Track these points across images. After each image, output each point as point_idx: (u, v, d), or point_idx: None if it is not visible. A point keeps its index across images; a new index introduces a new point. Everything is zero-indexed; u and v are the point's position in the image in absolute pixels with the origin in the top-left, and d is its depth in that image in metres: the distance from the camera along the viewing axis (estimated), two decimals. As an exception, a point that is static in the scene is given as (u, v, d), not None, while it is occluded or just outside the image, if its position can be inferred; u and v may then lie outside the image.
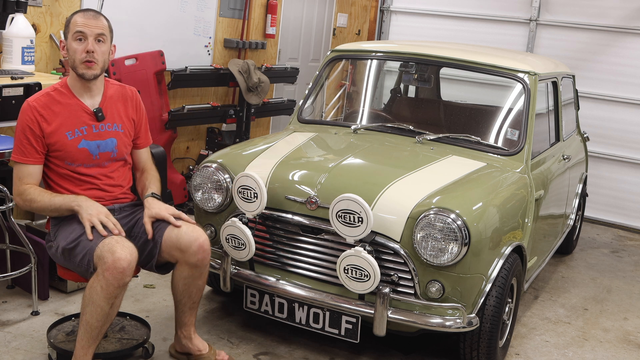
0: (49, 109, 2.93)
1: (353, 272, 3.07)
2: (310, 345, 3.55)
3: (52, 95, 2.97)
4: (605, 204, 6.71)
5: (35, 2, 4.41)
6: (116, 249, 2.69)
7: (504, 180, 3.62)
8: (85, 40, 2.91)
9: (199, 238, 2.95)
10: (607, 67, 6.64)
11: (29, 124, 2.90)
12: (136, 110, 3.18)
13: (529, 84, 3.98)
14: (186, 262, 2.97)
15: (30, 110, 2.91)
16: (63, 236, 2.89)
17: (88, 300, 2.72)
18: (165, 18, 5.41)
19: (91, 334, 2.77)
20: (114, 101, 3.09)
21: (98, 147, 3.00)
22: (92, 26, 2.91)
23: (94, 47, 2.91)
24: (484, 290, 3.16)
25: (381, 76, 5.32)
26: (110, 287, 2.68)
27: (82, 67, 2.92)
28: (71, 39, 2.92)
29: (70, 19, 2.95)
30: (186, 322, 3.18)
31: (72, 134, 2.94)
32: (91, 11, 2.98)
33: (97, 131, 3.00)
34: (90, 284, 2.73)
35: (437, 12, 7.45)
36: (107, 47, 2.98)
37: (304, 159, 3.66)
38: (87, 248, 2.78)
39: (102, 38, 2.94)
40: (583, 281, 5.02)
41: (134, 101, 3.18)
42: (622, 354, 3.87)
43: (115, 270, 2.66)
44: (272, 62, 6.83)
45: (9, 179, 3.88)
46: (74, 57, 2.92)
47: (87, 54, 2.90)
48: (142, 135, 3.22)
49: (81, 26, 2.90)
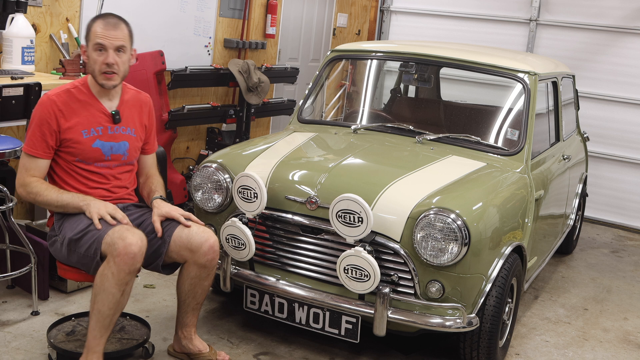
0: (68, 105, 2.94)
1: (353, 272, 3.07)
2: (310, 345, 3.55)
3: (72, 93, 2.98)
4: (605, 204, 6.71)
5: (35, 2, 4.41)
6: (127, 235, 2.72)
7: (504, 180, 3.62)
8: (105, 51, 2.90)
9: (210, 239, 2.98)
10: (607, 67, 6.64)
11: (47, 118, 2.90)
12: (149, 117, 3.21)
13: (529, 84, 3.98)
14: (195, 262, 2.98)
15: (50, 104, 2.92)
16: (69, 227, 2.89)
17: (99, 288, 2.74)
18: (165, 18, 5.41)
19: (103, 323, 2.78)
20: (130, 106, 3.11)
21: (111, 149, 3.02)
22: (112, 37, 2.90)
23: (114, 59, 2.91)
24: (484, 290, 3.16)
25: (381, 76, 5.31)
26: (121, 273, 2.70)
27: (102, 78, 2.94)
28: (91, 48, 2.92)
29: (90, 25, 2.94)
30: (188, 323, 3.18)
31: (88, 132, 2.96)
32: (112, 18, 2.95)
33: (112, 133, 3.02)
34: (100, 272, 2.74)
35: (437, 12, 7.45)
36: (127, 56, 2.98)
37: (304, 159, 3.66)
38: (95, 237, 2.79)
39: (122, 49, 2.94)
40: (583, 281, 5.02)
41: (148, 108, 3.21)
42: (622, 354, 3.87)
43: (127, 256, 2.69)
44: (272, 62, 6.83)
45: (9, 179, 3.89)
46: (94, 67, 2.93)
47: (106, 66, 2.90)
48: (150, 141, 3.25)
49: (101, 38, 2.89)
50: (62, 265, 3.03)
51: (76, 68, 4.21)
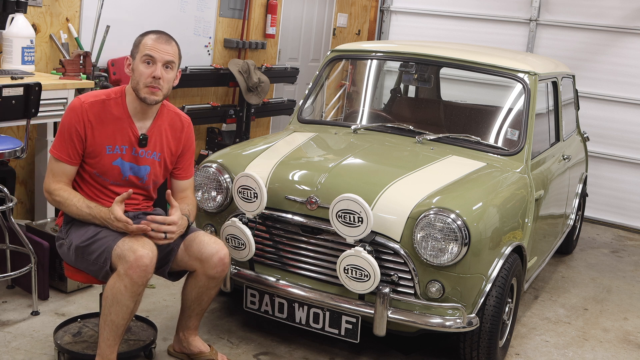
0: (99, 117, 2.87)
1: (353, 272, 3.07)
2: (310, 345, 3.55)
3: (106, 104, 2.90)
4: (605, 204, 6.71)
5: (35, 2, 4.41)
6: (137, 247, 2.70)
7: (504, 180, 3.62)
8: (153, 64, 2.83)
9: (220, 251, 2.96)
10: (607, 67, 6.64)
11: (76, 125, 2.84)
12: (184, 142, 3.10)
13: (529, 84, 3.98)
14: (205, 273, 2.97)
15: (82, 112, 2.84)
16: (77, 234, 2.86)
17: (112, 300, 2.72)
18: (165, 18, 5.41)
19: (117, 332, 2.79)
20: (163, 129, 3.01)
21: (130, 169, 2.95)
22: (163, 51, 2.84)
23: (161, 74, 2.83)
24: (484, 290, 3.16)
25: (381, 76, 5.31)
26: (134, 286, 2.70)
27: (145, 92, 2.85)
28: (139, 60, 2.84)
29: (141, 39, 2.88)
30: (190, 326, 3.19)
31: (112, 149, 2.89)
32: (164, 35, 2.89)
33: (134, 155, 2.94)
34: (111, 285, 2.72)
35: (437, 12, 7.45)
36: (173, 74, 2.92)
37: (304, 159, 3.66)
38: (104, 246, 2.77)
39: (170, 65, 2.88)
40: (583, 281, 5.02)
41: (185, 133, 3.10)
42: (622, 354, 3.87)
43: (139, 268, 2.68)
44: (272, 62, 6.83)
45: (9, 179, 3.90)
46: (139, 79, 2.84)
47: (153, 80, 2.83)
48: (184, 166, 3.13)
49: (151, 50, 2.83)
50: (69, 267, 3.00)
51: (76, 68, 4.21)
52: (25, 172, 4.49)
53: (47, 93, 3.82)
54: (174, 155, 3.09)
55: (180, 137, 3.09)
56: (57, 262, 3.76)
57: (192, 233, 3.00)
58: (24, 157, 3.56)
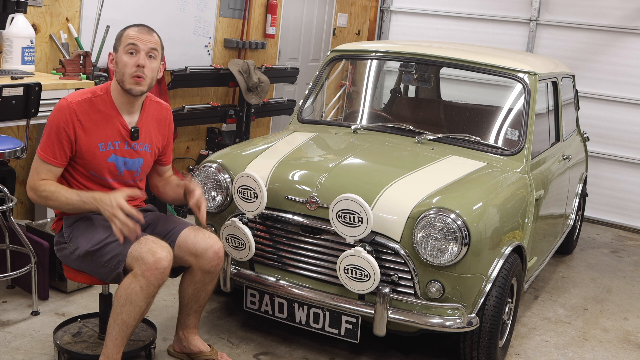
0: (88, 116, 2.86)
1: (353, 272, 3.07)
2: (310, 345, 3.55)
3: (93, 102, 2.89)
4: (605, 204, 6.71)
5: (35, 2, 4.41)
6: (156, 250, 2.73)
7: (504, 180, 3.62)
8: (137, 54, 2.85)
9: (215, 245, 2.98)
10: (607, 67, 6.64)
11: (64, 127, 2.82)
12: (167, 131, 3.15)
13: (529, 84, 3.98)
14: (200, 267, 2.98)
15: (69, 112, 2.83)
16: (85, 240, 2.85)
17: (125, 300, 2.73)
18: (165, 18, 5.41)
19: (126, 333, 2.80)
20: (150, 121, 3.05)
21: (125, 164, 2.96)
22: (145, 40, 2.86)
23: (144, 62, 2.85)
24: (484, 290, 3.16)
25: (381, 76, 5.31)
26: (150, 287, 2.72)
27: (131, 82, 2.85)
28: (122, 51, 2.86)
29: (122, 32, 2.90)
30: (189, 325, 3.19)
31: (105, 146, 2.89)
32: (145, 26, 2.93)
33: (128, 148, 2.95)
34: (126, 285, 2.72)
35: (437, 12, 7.45)
36: (157, 64, 2.93)
37: (304, 159, 3.66)
38: (117, 249, 2.77)
39: (153, 53, 2.89)
40: (583, 281, 5.02)
41: (167, 121, 3.15)
42: (622, 354, 3.87)
43: (157, 271, 2.70)
44: (272, 62, 6.83)
45: (9, 179, 3.90)
46: (124, 70, 2.85)
47: (137, 68, 2.84)
48: (167, 153, 3.20)
49: (134, 39, 2.85)
50: (70, 269, 2.99)
51: (76, 68, 4.21)
52: (25, 172, 4.49)
53: (47, 93, 3.82)
54: (162, 145, 3.13)
55: (165, 125, 3.14)
56: (57, 262, 3.76)
57: (186, 228, 3.00)
58: (24, 157, 3.56)
